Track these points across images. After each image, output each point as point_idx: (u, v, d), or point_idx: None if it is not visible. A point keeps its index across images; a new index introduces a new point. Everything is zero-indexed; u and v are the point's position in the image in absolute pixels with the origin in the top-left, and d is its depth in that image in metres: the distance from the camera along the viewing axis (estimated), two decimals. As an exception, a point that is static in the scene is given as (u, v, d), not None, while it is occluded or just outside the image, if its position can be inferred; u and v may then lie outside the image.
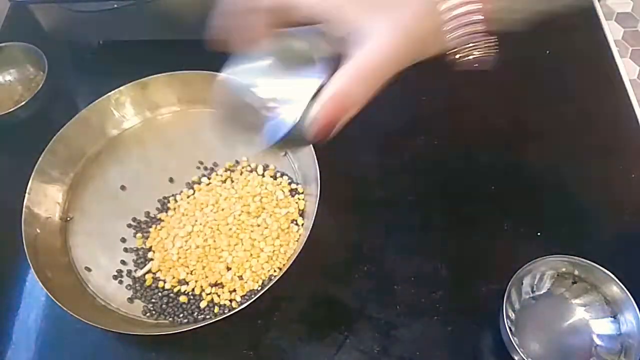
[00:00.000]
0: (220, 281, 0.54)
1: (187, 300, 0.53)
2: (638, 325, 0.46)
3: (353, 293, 0.54)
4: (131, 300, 0.54)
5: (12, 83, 0.71)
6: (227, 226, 0.56)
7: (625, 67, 0.69)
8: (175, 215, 0.58)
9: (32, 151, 0.59)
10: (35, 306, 0.56)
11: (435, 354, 0.51)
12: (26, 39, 0.69)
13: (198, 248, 0.56)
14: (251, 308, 0.49)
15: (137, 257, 0.57)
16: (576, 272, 0.50)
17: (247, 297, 0.53)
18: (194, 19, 0.66)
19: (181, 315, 0.53)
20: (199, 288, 0.54)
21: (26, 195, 0.56)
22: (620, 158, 0.61)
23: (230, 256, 0.55)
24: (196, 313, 0.53)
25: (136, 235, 0.58)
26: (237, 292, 0.53)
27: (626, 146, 0.62)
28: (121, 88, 0.63)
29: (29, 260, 0.52)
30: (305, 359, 0.51)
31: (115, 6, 0.64)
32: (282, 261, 0.55)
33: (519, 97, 0.65)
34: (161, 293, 0.54)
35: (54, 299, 0.50)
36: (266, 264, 0.54)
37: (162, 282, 0.55)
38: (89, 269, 0.56)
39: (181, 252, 0.56)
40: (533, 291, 0.52)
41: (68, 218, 0.60)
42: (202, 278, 0.54)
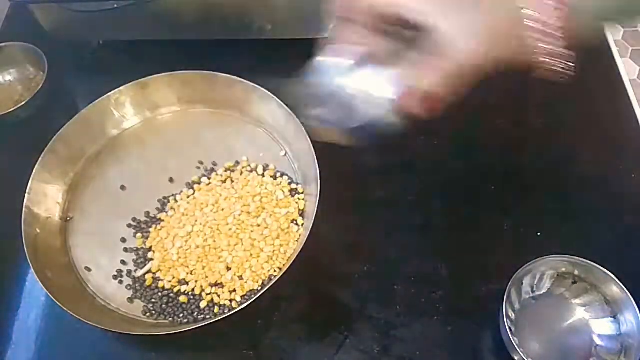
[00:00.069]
0: (220, 281, 0.54)
1: (187, 300, 0.53)
2: (638, 325, 0.46)
3: (353, 293, 0.54)
4: (131, 300, 0.54)
5: (12, 83, 0.71)
6: (227, 226, 0.56)
7: (625, 67, 0.69)
8: (175, 215, 0.58)
9: (32, 151, 0.59)
10: (35, 306, 0.56)
11: (435, 354, 0.51)
12: (26, 39, 0.69)
13: (198, 248, 0.56)
14: (251, 308, 0.49)
15: (137, 257, 0.57)
16: (576, 272, 0.50)
17: (247, 297, 0.53)
18: (194, 19, 0.67)
19: (181, 315, 0.53)
20: (199, 288, 0.54)
21: (26, 195, 0.56)
22: (620, 158, 0.61)
23: (230, 256, 0.55)
24: (196, 313, 0.53)
25: (136, 235, 0.58)
26: (237, 292, 0.53)
27: (626, 146, 0.62)
28: (121, 88, 0.63)
29: (29, 260, 0.52)
30: (305, 359, 0.51)
31: (115, 6, 0.63)
32: (282, 261, 0.55)
33: (519, 98, 0.65)
34: (161, 293, 0.54)
35: (54, 299, 0.50)
36: (266, 264, 0.54)
37: (162, 282, 0.55)
38: (89, 269, 0.56)
39: (181, 252, 0.56)
40: (533, 291, 0.52)
41: (68, 218, 0.60)
42: (202, 278, 0.54)
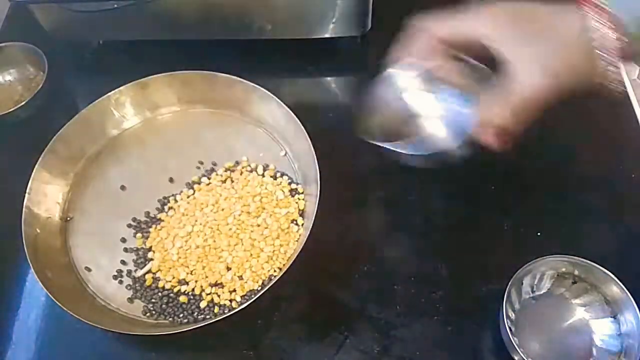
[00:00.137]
0: (220, 281, 0.54)
1: (187, 300, 0.53)
2: (638, 325, 0.46)
3: (353, 293, 0.54)
4: (131, 300, 0.54)
5: (12, 83, 0.71)
6: (227, 226, 0.56)
7: (625, 67, 0.68)
8: (175, 215, 0.58)
9: (32, 151, 0.58)
10: (35, 306, 0.56)
11: (435, 354, 0.51)
12: (26, 39, 0.69)
13: (198, 248, 0.56)
14: (251, 308, 0.49)
15: (137, 257, 0.57)
16: (576, 272, 0.50)
17: (247, 297, 0.53)
18: (194, 19, 0.67)
19: (181, 315, 0.53)
20: (199, 288, 0.54)
21: (26, 195, 0.56)
22: (620, 158, 0.61)
23: (230, 256, 0.55)
24: (196, 313, 0.53)
25: (136, 235, 0.58)
26: (237, 292, 0.53)
27: (626, 146, 0.62)
28: (121, 88, 0.63)
29: (29, 260, 0.52)
30: (305, 359, 0.51)
31: (115, 6, 0.63)
32: (282, 261, 0.55)
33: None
34: (161, 293, 0.54)
35: (54, 299, 0.50)
36: (266, 264, 0.54)
37: (162, 282, 0.55)
38: (89, 269, 0.56)
39: (181, 252, 0.56)
40: (533, 291, 0.52)
41: (68, 218, 0.60)
42: (202, 278, 0.54)
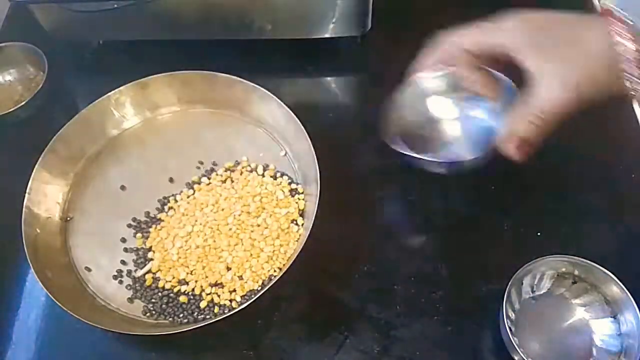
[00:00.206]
0: (220, 281, 0.54)
1: (187, 300, 0.53)
2: (638, 325, 0.46)
3: (353, 293, 0.54)
4: (131, 300, 0.54)
5: (12, 83, 0.70)
6: (227, 226, 0.56)
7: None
8: (175, 215, 0.58)
9: (32, 151, 0.58)
10: (35, 306, 0.56)
11: (435, 354, 0.51)
12: (26, 39, 0.69)
13: (198, 248, 0.56)
14: (251, 308, 0.49)
15: (137, 257, 0.57)
16: (576, 272, 0.50)
17: (247, 297, 0.53)
18: (194, 19, 0.67)
19: (181, 315, 0.53)
20: (199, 288, 0.54)
21: (26, 195, 0.56)
22: (620, 158, 0.61)
23: (230, 256, 0.55)
24: (196, 313, 0.53)
25: (136, 235, 0.58)
26: (237, 292, 0.53)
27: (626, 146, 0.62)
28: (121, 88, 0.63)
29: (29, 260, 0.52)
30: (305, 359, 0.51)
31: (115, 6, 0.63)
32: (282, 261, 0.55)
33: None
34: (161, 293, 0.54)
35: (54, 299, 0.50)
36: (266, 264, 0.54)
37: (162, 282, 0.55)
38: (89, 269, 0.56)
39: (181, 252, 0.56)
40: (533, 291, 0.52)
41: (68, 218, 0.60)
42: (202, 278, 0.54)
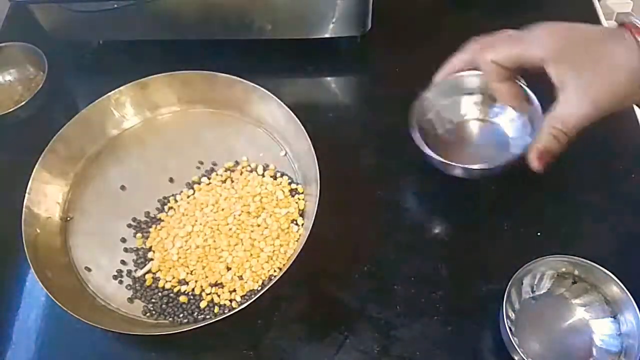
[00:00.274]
0: (220, 281, 0.54)
1: (187, 300, 0.53)
2: (638, 325, 0.46)
3: (353, 293, 0.54)
4: (131, 300, 0.54)
5: (12, 83, 0.71)
6: (227, 226, 0.56)
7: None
8: (175, 215, 0.58)
9: (32, 151, 0.58)
10: (35, 306, 0.56)
11: (435, 354, 0.51)
12: (26, 39, 0.69)
13: (198, 248, 0.56)
14: (251, 308, 0.49)
15: (137, 257, 0.57)
16: (576, 272, 0.50)
17: (247, 297, 0.53)
18: (194, 19, 0.67)
19: (181, 315, 0.53)
20: (199, 288, 0.54)
21: (26, 195, 0.56)
22: (620, 158, 0.61)
23: (230, 256, 0.55)
24: (196, 313, 0.53)
25: (136, 235, 0.58)
26: (237, 292, 0.53)
27: (626, 146, 0.62)
28: (121, 88, 0.63)
29: (29, 260, 0.52)
30: (305, 359, 0.51)
31: (115, 6, 0.63)
32: (282, 261, 0.54)
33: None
34: (161, 293, 0.54)
35: (54, 299, 0.50)
36: (266, 264, 0.54)
37: (162, 282, 0.55)
38: (89, 269, 0.56)
39: (181, 252, 0.56)
40: (533, 291, 0.52)
41: (68, 218, 0.60)
42: (202, 278, 0.54)
